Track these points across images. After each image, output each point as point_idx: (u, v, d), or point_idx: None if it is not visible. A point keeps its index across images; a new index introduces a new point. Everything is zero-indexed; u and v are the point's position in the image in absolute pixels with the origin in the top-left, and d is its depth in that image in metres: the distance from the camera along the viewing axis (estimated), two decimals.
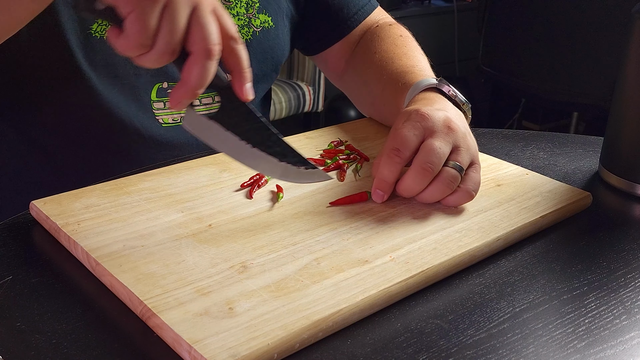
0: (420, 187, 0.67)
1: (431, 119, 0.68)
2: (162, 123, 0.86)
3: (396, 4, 2.64)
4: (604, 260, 0.64)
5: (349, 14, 0.98)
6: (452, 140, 0.68)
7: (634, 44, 0.76)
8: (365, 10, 1.00)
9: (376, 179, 0.68)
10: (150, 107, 0.85)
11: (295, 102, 2.50)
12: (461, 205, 0.68)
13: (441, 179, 0.66)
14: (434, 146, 0.66)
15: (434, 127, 0.68)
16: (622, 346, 0.52)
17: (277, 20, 0.92)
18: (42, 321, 0.52)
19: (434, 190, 0.67)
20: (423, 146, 0.67)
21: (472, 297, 0.57)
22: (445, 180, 0.66)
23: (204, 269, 0.56)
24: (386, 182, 0.68)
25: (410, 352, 0.50)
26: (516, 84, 2.25)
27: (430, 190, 0.67)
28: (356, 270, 0.57)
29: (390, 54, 0.91)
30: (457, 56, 2.81)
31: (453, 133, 0.68)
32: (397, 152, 0.67)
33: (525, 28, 2.15)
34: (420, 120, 0.68)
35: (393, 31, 0.97)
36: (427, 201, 0.68)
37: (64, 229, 0.61)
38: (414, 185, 0.67)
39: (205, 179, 0.73)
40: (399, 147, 0.67)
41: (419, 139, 0.67)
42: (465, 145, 0.68)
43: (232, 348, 0.47)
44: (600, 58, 1.98)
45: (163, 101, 0.85)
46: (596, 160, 0.86)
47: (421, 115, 0.68)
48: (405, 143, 0.67)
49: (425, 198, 0.68)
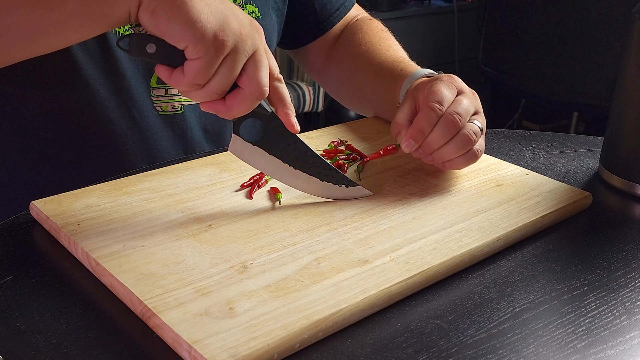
0: (446, 137, 0.70)
1: (460, 82, 0.74)
2: (160, 111, 0.86)
3: (396, 4, 2.64)
4: (604, 260, 0.64)
5: (332, 9, 1.02)
6: (475, 104, 0.73)
7: (634, 44, 0.76)
8: (346, 6, 1.04)
9: (412, 129, 0.71)
10: (148, 95, 0.85)
11: (295, 102, 2.50)
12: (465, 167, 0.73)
13: (464, 133, 0.70)
14: (464, 102, 0.71)
15: (463, 88, 0.74)
16: (622, 346, 0.52)
17: (264, 11, 0.93)
18: (42, 321, 0.52)
19: (456, 143, 0.70)
20: (455, 100, 0.71)
21: (472, 297, 0.57)
22: (468, 133, 0.70)
23: (204, 269, 0.56)
24: (422, 133, 0.70)
25: (410, 352, 0.50)
26: (516, 84, 2.25)
27: (452, 144, 0.70)
28: (356, 270, 0.57)
29: (377, 46, 0.95)
30: (457, 56, 2.81)
31: (475, 98, 0.74)
32: (439, 105, 0.70)
33: (525, 28, 2.15)
34: (453, 81, 0.74)
35: (374, 25, 1.02)
36: (444, 158, 0.71)
37: (64, 229, 0.61)
38: (440, 135, 0.70)
39: (205, 179, 0.73)
40: (440, 101, 0.70)
41: (454, 96, 0.72)
42: (482, 112, 0.74)
43: (232, 348, 0.47)
44: (600, 58, 1.98)
45: (165, 87, 0.85)
46: (596, 160, 0.86)
47: (452, 77, 0.74)
48: (444, 98, 0.71)
49: (444, 153, 0.71)
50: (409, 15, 2.70)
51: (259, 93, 0.61)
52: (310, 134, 0.86)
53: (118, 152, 0.85)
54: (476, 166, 0.79)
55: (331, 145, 0.82)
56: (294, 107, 0.76)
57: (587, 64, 2.02)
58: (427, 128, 0.70)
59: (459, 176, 0.76)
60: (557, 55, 2.07)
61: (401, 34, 1.04)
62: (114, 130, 0.84)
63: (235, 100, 0.61)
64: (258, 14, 0.92)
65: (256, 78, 0.60)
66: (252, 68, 0.60)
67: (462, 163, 0.72)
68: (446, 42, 2.79)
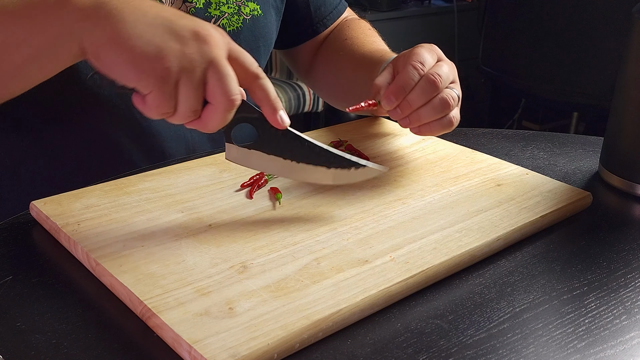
0: (426, 97, 0.71)
1: (440, 51, 0.76)
2: None
3: (396, 4, 2.64)
4: (604, 260, 0.64)
5: (326, 12, 1.03)
6: (454, 74, 0.74)
7: (634, 44, 0.76)
8: (339, 9, 1.05)
9: (393, 86, 0.71)
10: None
11: (295, 102, 2.50)
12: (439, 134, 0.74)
13: (442, 96, 0.71)
14: (444, 66, 0.73)
15: (443, 56, 0.76)
16: (622, 346, 0.52)
17: (265, 9, 0.93)
18: (42, 321, 0.52)
19: (434, 105, 0.71)
20: (435, 64, 0.73)
21: (472, 297, 0.57)
22: (447, 97, 0.71)
23: (204, 269, 0.56)
24: (403, 90, 0.71)
25: (410, 352, 0.50)
26: (516, 84, 2.25)
27: (429, 106, 0.71)
28: (356, 270, 0.57)
29: (361, 40, 0.96)
30: (457, 56, 2.81)
31: (454, 68, 0.75)
32: (421, 65, 0.71)
33: (525, 28, 2.15)
34: (433, 48, 0.76)
35: (362, 24, 1.03)
36: (421, 120, 0.72)
37: (64, 229, 0.61)
38: (420, 94, 0.70)
39: (205, 179, 0.73)
40: (422, 62, 0.72)
41: (434, 61, 0.73)
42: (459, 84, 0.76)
43: (232, 348, 0.47)
44: (600, 58, 1.98)
45: None
46: (596, 160, 0.86)
47: (432, 45, 0.76)
48: (426, 60, 0.72)
49: (422, 115, 0.71)
50: (409, 15, 2.69)
51: (229, 104, 0.57)
52: (310, 134, 0.86)
53: (118, 152, 0.85)
54: (476, 166, 0.79)
55: (331, 145, 0.82)
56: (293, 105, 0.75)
57: (587, 64, 2.02)
58: (408, 85, 0.71)
59: (459, 176, 0.76)
60: (557, 56, 2.07)
61: (401, 34, 1.04)
62: (114, 130, 0.84)
63: (209, 115, 0.58)
64: (260, 12, 0.92)
65: (220, 90, 0.56)
66: (213, 81, 0.56)
67: (437, 129, 0.73)
68: (446, 42, 2.79)
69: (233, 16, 0.89)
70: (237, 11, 0.89)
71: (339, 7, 1.05)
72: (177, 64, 0.55)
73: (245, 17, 0.90)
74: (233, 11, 0.89)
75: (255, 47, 0.93)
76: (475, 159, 0.81)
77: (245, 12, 0.90)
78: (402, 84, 0.71)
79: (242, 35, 0.90)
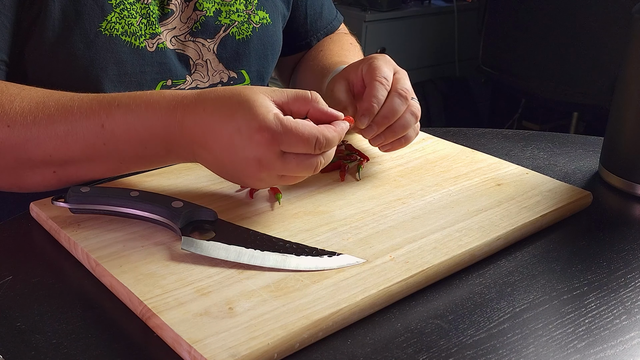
0: (401, 109, 0.72)
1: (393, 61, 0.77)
2: None
3: (396, 4, 2.64)
4: (604, 260, 0.64)
5: (321, 26, 1.05)
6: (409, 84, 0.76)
7: (634, 44, 0.76)
8: (334, 24, 1.07)
9: (365, 103, 0.71)
10: None
11: None
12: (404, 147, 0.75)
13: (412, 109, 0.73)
14: (406, 79, 0.75)
15: (397, 67, 0.77)
16: (622, 346, 0.52)
17: (274, 17, 0.94)
18: (42, 321, 0.52)
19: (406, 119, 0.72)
20: (395, 78, 0.74)
21: (472, 297, 0.57)
22: (414, 110, 0.73)
23: (203, 269, 0.56)
24: (376, 107, 0.71)
25: (410, 352, 0.50)
26: (516, 84, 2.25)
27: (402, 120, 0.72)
28: (356, 270, 0.57)
29: (333, 52, 0.98)
30: (457, 56, 2.81)
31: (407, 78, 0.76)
32: (386, 80, 0.72)
33: (525, 28, 2.15)
34: (388, 60, 0.76)
35: (345, 38, 1.05)
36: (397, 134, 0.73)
37: (64, 229, 0.61)
38: (397, 107, 0.71)
39: (205, 179, 0.73)
40: (386, 77, 0.73)
41: (392, 73, 0.75)
42: None
43: (232, 348, 0.47)
44: (600, 58, 1.98)
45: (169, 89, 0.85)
46: (596, 160, 0.86)
47: (385, 56, 0.77)
48: (388, 75, 0.74)
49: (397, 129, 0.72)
50: (409, 15, 2.69)
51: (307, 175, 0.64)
52: None
53: None
54: (476, 165, 0.79)
55: None
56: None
57: (587, 64, 2.02)
58: (380, 101, 0.71)
59: (459, 176, 0.76)
60: (557, 55, 2.07)
61: (401, 34, 1.04)
62: None
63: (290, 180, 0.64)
64: (269, 20, 0.92)
65: (296, 179, 0.64)
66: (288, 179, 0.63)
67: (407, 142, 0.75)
68: (446, 42, 2.79)
69: (243, 24, 0.89)
70: (247, 20, 0.89)
71: (334, 23, 1.06)
72: (256, 185, 0.65)
73: (255, 25, 0.90)
74: (243, 20, 0.89)
75: (263, 55, 0.93)
76: (475, 159, 0.81)
77: (255, 20, 0.90)
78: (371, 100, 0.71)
79: (251, 43, 0.90)
